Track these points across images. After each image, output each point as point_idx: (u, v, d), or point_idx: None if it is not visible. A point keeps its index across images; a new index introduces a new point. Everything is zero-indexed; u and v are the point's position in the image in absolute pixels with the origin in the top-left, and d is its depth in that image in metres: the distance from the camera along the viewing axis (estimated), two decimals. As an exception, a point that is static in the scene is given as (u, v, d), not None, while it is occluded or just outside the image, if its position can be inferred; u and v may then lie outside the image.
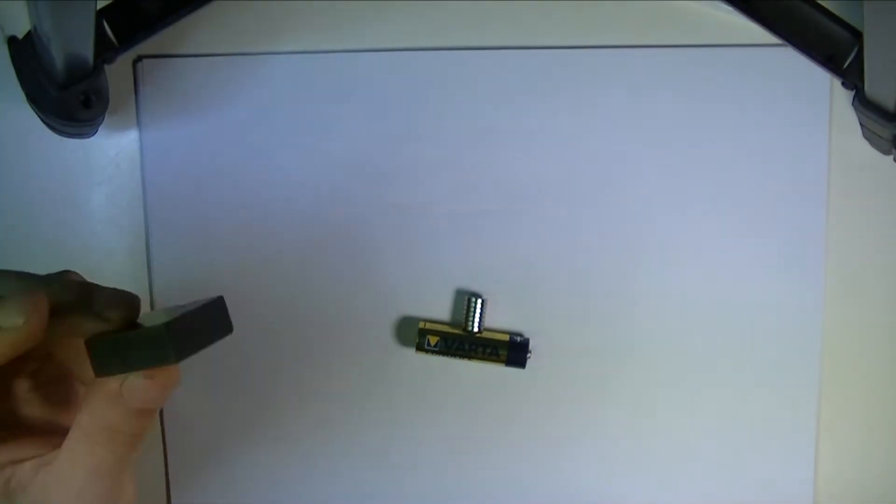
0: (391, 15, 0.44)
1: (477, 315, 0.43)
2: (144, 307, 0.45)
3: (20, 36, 0.40)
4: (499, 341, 0.44)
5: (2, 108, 0.44)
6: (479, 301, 0.43)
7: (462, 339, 0.44)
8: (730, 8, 0.42)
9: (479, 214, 0.44)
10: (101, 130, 0.44)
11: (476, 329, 0.44)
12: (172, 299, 0.45)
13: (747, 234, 0.44)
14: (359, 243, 0.45)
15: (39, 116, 0.42)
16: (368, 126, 0.44)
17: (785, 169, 0.43)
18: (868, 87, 0.39)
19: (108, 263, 0.45)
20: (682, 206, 0.44)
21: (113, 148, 0.45)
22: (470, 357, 0.44)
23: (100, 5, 0.41)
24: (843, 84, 0.41)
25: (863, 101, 0.40)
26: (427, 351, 0.44)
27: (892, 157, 0.43)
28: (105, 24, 0.41)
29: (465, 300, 0.44)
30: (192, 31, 0.44)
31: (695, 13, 0.43)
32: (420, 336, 0.44)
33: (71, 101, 0.40)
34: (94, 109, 0.41)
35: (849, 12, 0.41)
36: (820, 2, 0.41)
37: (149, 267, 0.45)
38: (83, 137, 0.44)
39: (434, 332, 0.43)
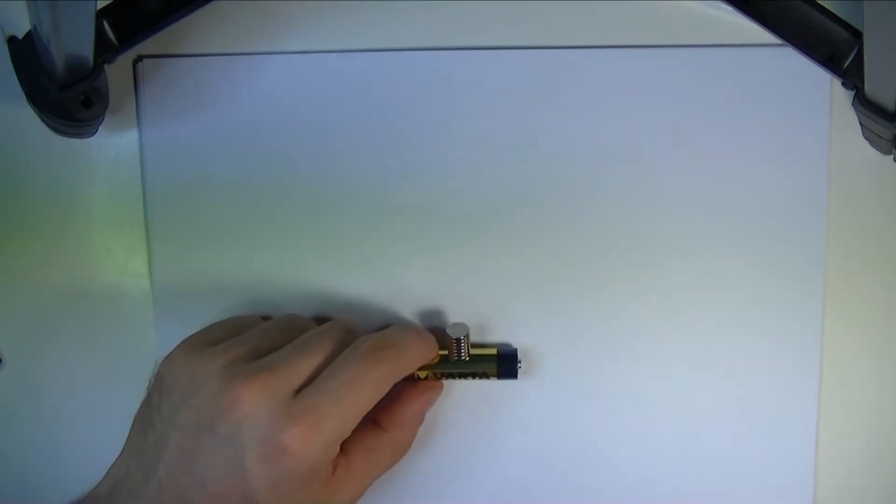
0: (391, 15, 0.44)
1: (463, 349, 0.43)
2: (145, 307, 0.45)
3: (20, 36, 0.40)
4: (487, 357, 0.43)
5: (2, 108, 0.44)
6: (465, 337, 0.43)
7: (451, 363, 0.43)
8: (730, 8, 0.42)
9: (478, 215, 0.44)
10: (101, 130, 0.44)
11: (464, 357, 0.43)
12: (173, 299, 0.45)
13: (747, 235, 0.44)
14: (360, 243, 0.45)
15: (39, 116, 0.42)
16: (368, 126, 0.44)
17: (785, 169, 0.43)
18: (868, 87, 0.39)
19: (108, 263, 0.45)
20: (682, 206, 0.44)
21: (113, 148, 0.45)
22: (459, 378, 0.43)
23: (100, 5, 0.41)
24: (843, 84, 0.41)
25: (863, 101, 0.40)
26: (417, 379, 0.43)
27: (892, 157, 0.43)
28: (105, 24, 0.41)
29: (452, 342, 0.43)
30: (192, 31, 0.44)
31: (695, 13, 0.43)
32: None
33: (71, 101, 0.40)
34: (94, 109, 0.41)
35: (849, 12, 0.41)
36: (820, 2, 0.41)
37: (149, 267, 0.45)
38: (83, 137, 0.44)
39: (422, 368, 0.43)
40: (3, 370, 0.46)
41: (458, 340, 0.43)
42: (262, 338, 0.40)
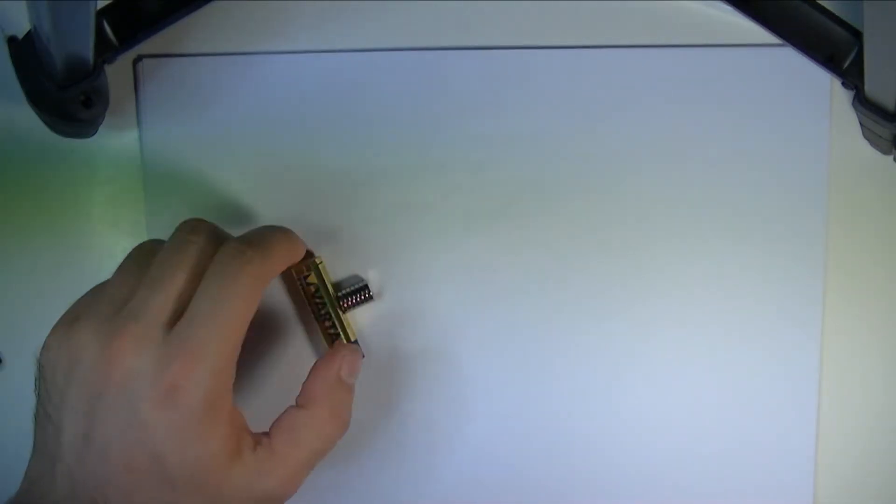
0: (391, 15, 0.44)
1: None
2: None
3: (20, 36, 0.40)
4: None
5: (2, 108, 0.44)
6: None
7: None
8: (730, 8, 0.42)
9: (476, 214, 0.44)
10: (101, 130, 0.44)
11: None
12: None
13: (747, 235, 0.44)
14: (360, 244, 0.45)
15: (39, 116, 0.42)
16: (368, 126, 0.44)
17: (785, 169, 0.43)
18: (868, 87, 0.39)
19: (108, 263, 0.45)
20: (682, 206, 0.44)
21: (113, 148, 0.45)
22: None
23: (100, 5, 0.41)
24: (843, 84, 0.41)
25: (863, 101, 0.40)
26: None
27: (892, 156, 0.43)
28: (105, 24, 0.41)
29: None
30: (192, 31, 0.44)
31: (695, 13, 0.43)
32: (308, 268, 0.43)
33: (71, 101, 0.40)
34: (94, 109, 0.41)
35: (849, 12, 0.41)
36: (820, 2, 0.41)
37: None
38: (83, 137, 0.44)
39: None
40: (3, 370, 0.46)
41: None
42: (119, 285, 0.38)
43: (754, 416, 0.44)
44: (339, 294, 0.43)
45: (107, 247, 0.45)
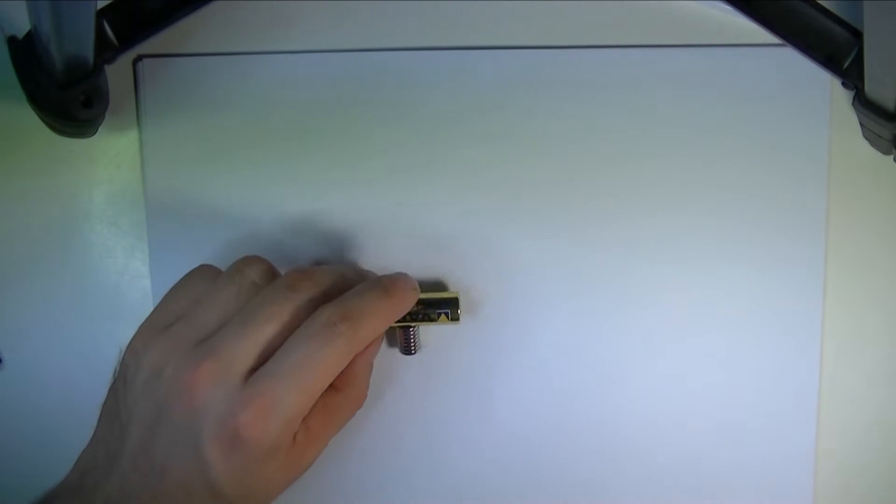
0: (391, 15, 0.44)
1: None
2: (145, 307, 0.45)
3: (20, 36, 0.40)
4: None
5: (2, 108, 0.44)
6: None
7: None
8: (730, 8, 0.42)
9: (476, 214, 0.44)
10: (101, 130, 0.44)
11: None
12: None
13: (747, 234, 0.44)
14: (358, 244, 0.45)
15: (39, 116, 0.42)
16: (368, 126, 0.44)
17: (785, 169, 0.43)
18: (868, 87, 0.39)
19: (108, 263, 0.45)
20: (682, 206, 0.44)
21: (113, 148, 0.45)
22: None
23: (100, 5, 0.41)
24: (843, 84, 0.41)
25: (863, 101, 0.40)
26: None
27: (892, 157, 0.43)
28: (105, 24, 0.41)
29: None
30: (192, 31, 0.44)
31: (695, 13, 0.43)
32: None
33: (71, 101, 0.40)
34: (94, 109, 0.41)
35: (849, 12, 0.41)
36: (820, 2, 0.41)
37: (149, 267, 0.45)
38: (83, 137, 0.44)
39: None
40: (2, 370, 0.46)
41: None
42: (210, 307, 0.39)
43: (754, 415, 0.44)
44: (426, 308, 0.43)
45: (107, 247, 0.45)
